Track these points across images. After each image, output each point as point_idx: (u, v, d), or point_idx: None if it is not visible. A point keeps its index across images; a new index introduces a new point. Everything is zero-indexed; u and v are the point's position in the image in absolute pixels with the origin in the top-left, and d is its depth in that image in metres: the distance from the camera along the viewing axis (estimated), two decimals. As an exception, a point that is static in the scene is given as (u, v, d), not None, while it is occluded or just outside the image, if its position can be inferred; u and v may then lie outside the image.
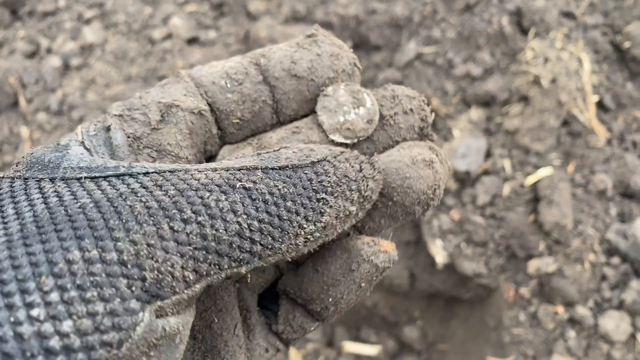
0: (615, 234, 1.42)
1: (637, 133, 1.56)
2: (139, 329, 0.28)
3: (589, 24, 1.63)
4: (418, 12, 1.66)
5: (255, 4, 1.83)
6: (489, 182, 1.48)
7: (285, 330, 0.43)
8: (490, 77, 1.57)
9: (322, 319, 0.43)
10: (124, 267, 0.29)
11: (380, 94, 0.43)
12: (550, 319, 1.38)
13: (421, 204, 0.41)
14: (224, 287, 0.40)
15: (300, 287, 0.42)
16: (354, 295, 0.42)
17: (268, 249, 0.33)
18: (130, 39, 1.72)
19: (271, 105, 0.42)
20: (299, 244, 0.34)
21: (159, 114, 0.39)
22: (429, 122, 0.43)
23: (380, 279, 0.42)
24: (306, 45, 0.43)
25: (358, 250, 0.41)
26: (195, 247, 0.31)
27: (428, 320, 1.79)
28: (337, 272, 0.41)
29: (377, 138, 0.43)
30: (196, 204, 0.32)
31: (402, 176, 0.40)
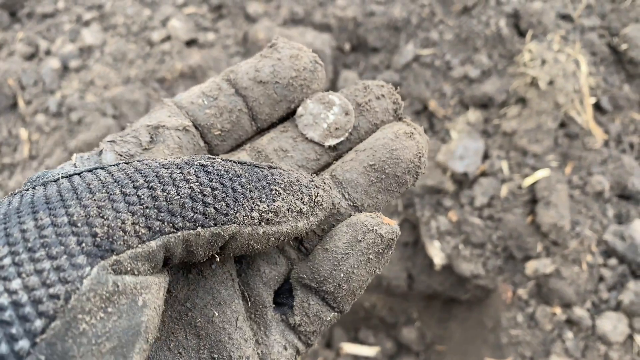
0: (612, 235, 1.42)
1: (634, 135, 1.57)
2: (86, 281, 0.29)
3: (586, 26, 1.63)
4: (416, 14, 1.67)
5: (253, 6, 1.83)
6: (487, 183, 1.49)
7: (303, 322, 0.44)
8: (488, 79, 1.58)
9: (337, 304, 0.45)
10: (74, 227, 0.31)
11: (352, 89, 0.48)
12: (548, 320, 1.39)
13: (411, 173, 0.46)
14: (220, 280, 0.42)
15: (313, 269, 0.44)
16: (364, 270, 0.44)
17: (223, 214, 0.35)
18: (129, 41, 1.72)
19: (247, 113, 0.46)
20: (254, 218, 0.37)
21: (148, 136, 0.43)
22: (400, 104, 0.48)
23: (388, 254, 0.45)
24: (268, 54, 0.47)
25: (362, 222, 0.44)
26: (147, 206, 0.33)
27: (426, 321, 1.79)
28: (345, 245, 0.44)
29: (358, 124, 0.47)
30: (149, 175, 0.34)
31: (390, 149, 0.45)
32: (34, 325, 0.28)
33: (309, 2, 1.81)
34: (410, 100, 1.63)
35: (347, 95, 0.48)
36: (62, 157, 1.53)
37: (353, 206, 0.46)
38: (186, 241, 0.34)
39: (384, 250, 0.44)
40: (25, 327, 0.28)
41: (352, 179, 0.46)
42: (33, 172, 1.56)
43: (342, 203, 0.46)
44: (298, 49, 0.47)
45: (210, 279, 0.42)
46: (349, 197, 0.46)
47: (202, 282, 0.42)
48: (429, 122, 1.63)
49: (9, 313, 0.28)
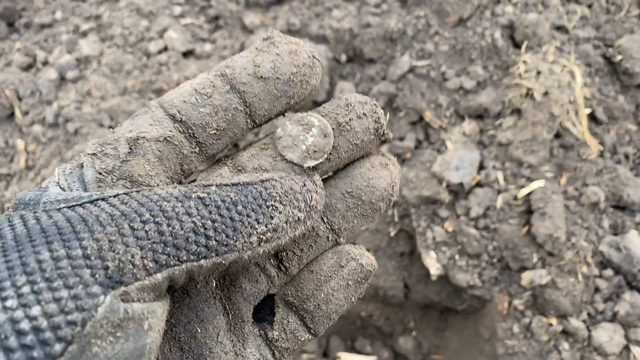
0: (608, 246, 1.42)
1: (629, 145, 1.57)
2: (101, 309, 0.32)
3: (581, 37, 1.64)
4: (412, 25, 1.68)
5: (250, 17, 1.84)
6: (483, 194, 1.49)
7: (280, 338, 0.48)
8: (483, 90, 1.59)
9: (313, 325, 0.48)
10: (88, 260, 0.33)
11: (335, 104, 0.49)
12: (544, 331, 1.39)
13: (384, 200, 0.49)
14: (204, 299, 0.44)
15: (297, 287, 0.48)
16: (342, 295, 0.48)
17: (223, 245, 0.37)
18: (126, 52, 1.72)
19: (243, 111, 0.46)
20: (252, 242, 0.39)
21: (127, 147, 0.43)
22: (382, 122, 0.49)
23: (364, 285, 0.49)
24: (265, 48, 0.46)
25: (346, 251, 0.49)
26: (154, 241, 0.35)
27: (422, 330, 1.79)
28: (329, 269, 0.48)
29: (338, 144, 0.48)
30: (154, 210, 0.37)
31: (366, 178, 0.49)
32: (53, 349, 0.30)
33: (306, 13, 1.82)
34: (406, 111, 1.63)
35: (329, 111, 0.48)
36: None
37: (331, 229, 0.49)
38: (189, 272, 0.37)
39: (362, 280, 0.49)
40: (45, 350, 0.30)
41: (330, 204, 0.49)
42: (29, 182, 1.56)
43: (320, 226, 0.49)
44: (296, 44, 0.47)
45: (194, 298, 0.44)
46: (327, 220, 0.49)
47: (186, 300, 0.44)
48: (424, 132, 1.63)
49: (30, 338, 0.30)
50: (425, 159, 1.57)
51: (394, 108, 1.66)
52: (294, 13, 1.83)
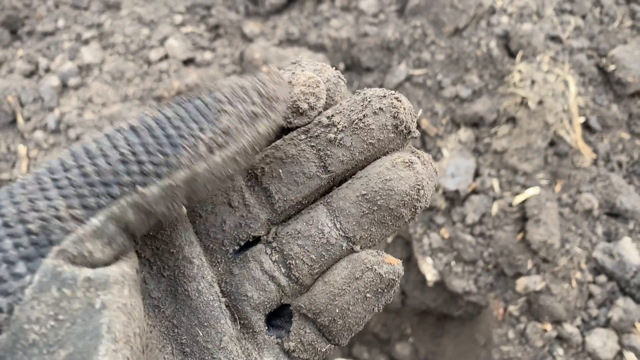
0: (601, 253, 1.44)
1: (622, 154, 1.59)
2: (28, 290, 0.29)
3: (575, 47, 1.67)
4: (408, 35, 1.70)
5: (250, 26, 1.87)
6: (478, 201, 1.51)
7: (297, 348, 0.44)
8: (479, 98, 1.61)
9: (332, 337, 0.44)
10: (8, 228, 0.30)
11: (352, 100, 0.44)
12: (539, 337, 1.40)
13: (407, 206, 0.42)
14: (206, 301, 0.42)
15: (311, 299, 0.44)
16: (360, 308, 0.43)
17: (164, 165, 0.33)
18: (127, 60, 1.75)
19: None
20: (201, 153, 0.34)
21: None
22: (401, 118, 0.43)
23: (388, 294, 0.43)
24: (292, 69, 0.45)
25: (362, 260, 0.42)
26: (78, 186, 0.32)
27: (419, 337, 1.80)
28: (343, 281, 0.43)
29: (351, 144, 0.43)
30: (79, 154, 0.33)
31: (383, 179, 0.42)
32: None
33: (304, 22, 1.85)
34: (403, 119, 1.65)
35: (344, 108, 0.44)
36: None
37: (344, 237, 0.43)
38: (135, 206, 0.32)
39: (384, 290, 0.43)
40: None
41: (344, 207, 0.43)
42: (31, 188, 1.58)
43: (332, 232, 0.43)
44: (322, 65, 0.45)
45: (196, 300, 0.42)
46: (340, 227, 0.43)
47: (188, 301, 0.42)
48: (421, 140, 1.65)
49: None
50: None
51: (391, 116, 1.68)
52: (293, 22, 1.86)
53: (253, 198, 0.44)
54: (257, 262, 0.44)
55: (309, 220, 0.44)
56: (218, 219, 0.44)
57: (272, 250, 0.45)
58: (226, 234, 0.44)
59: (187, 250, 0.41)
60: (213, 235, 0.44)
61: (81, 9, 1.96)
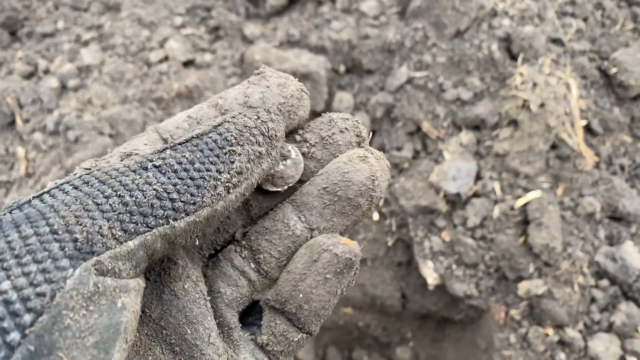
0: (603, 257, 1.43)
1: (624, 157, 1.59)
2: (69, 281, 0.33)
3: (577, 50, 1.66)
4: (410, 37, 1.70)
5: (250, 28, 1.86)
6: (479, 204, 1.50)
7: (270, 341, 0.47)
8: (480, 101, 1.60)
9: (302, 325, 0.47)
10: (56, 235, 0.34)
11: (319, 121, 0.50)
12: (541, 341, 1.39)
13: (364, 195, 0.47)
14: (193, 299, 0.44)
15: (277, 290, 0.47)
16: (323, 290, 0.46)
17: (191, 204, 0.39)
18: (127, 61, 1.74)
19: None
20: (221, 193, 0.40)
21: (119, 160, 0.44)
22: (363, 137, 0.49)
23: (348, 274, 0.46)
24: (256, 82, 0.48)
25: (317, 243, 0.46)
26: (119, 212, 0.37)
27: (420, 341, 1.79)
28: (303, 266, 0.46)
29: (321, 157, 0.49)
30: (115, 185, 0.38)
31: (341, 172, 0.47)
32: (23, 320, 0.31)
33: (305, 24, 1.84)
34: (404, 122, 1.65)
35: (312, 128, 0.50)
36: (58, 175, 1.54)
37: (309, 229, 0.48)
38: (164, 236, 0.38)
39: (343, 270, 0.46)
40: (15, 321, 0.31)
41: (307, 202, 0.48)
42: (29, 190, 1.57)
43: (297, 225, 0.48)
44: (285, 78, 0.49)
45: (182, 299, 0.44)
46: (305, 219, 0.48)
47: (175, 301, 0.44)
48: (422, 143, 1.64)
49: (0, 309, 0.31)
50: (422, 169, 1.58)
51: (391, 118, 1.68)
52: (294, 24, 1.85)
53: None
54: (228, 260, 0.48)
55: (275, 217, 0.48)
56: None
57: (242, 248, 0.48)
58: (205, 239, 0.48)
59: (170, 252, 0.43)
60: (192, 241, 0.46)
61: (81, 10, 1.95)
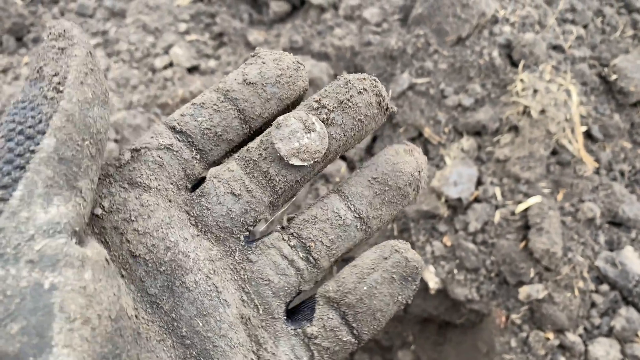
0: (604, 262, 1.44)
1: (624, 163, 1.60)
2: None
3: (577, 57, 1.68)
4: (411, 44, 1.71)
5: (254, 35, 1.88)
6: (480, 209, 1.51)
7: (319, 334, 0.46)
8: (481, 107, 1.62)
9: (356, 324, 0.47)
10: None
11: (335, 85, 0.49)
12: (541, 345, 1.40)
13: (412, 185, 0.49)
14: (204, 292, 0.44)
15: (338, 282, 0.47)
16: (386, 290, 0.46)
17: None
18: (132, 67, 1.76)
19: (237, 117, 0.48)
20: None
21: (129, 155, 0.47)
22: (383, 95, 0.49)
23: (411, 284, 0.47)
24: (252, 62, 0.49)
25: (390, 244, 0.48)
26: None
27: (421, 344, 1.80)
28: (372, 262, 0.47)
29: (342, 121, 0.48)
30: None
31: (392, 163, 0.49)
32: None
33: (308, 31, 1.86)
34: (406, 127, 1.66)
35: (329, 92, 0.49)
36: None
37: (358, 217, 0.49)
38: (47, 160, 0.35)
39: (408, 276, 0.47)
40: None
41: (357, 192, 0.49)
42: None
43: (347, 214, 0.48)
44: (280, 54, 0.49)
45: (194, 291, 0.44)
46: (354, 209, 0.49)
47: (186, 293, 0.43)
48: (424, 148, 1.66)
49: None
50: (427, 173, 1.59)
51: (393, 124, 1.69)
52: (297, 31, 1.87)
53: (254, 184, 0.48)
54: (276, 249, 0.48)
55: (324, 206, 0.49)
56: (224, 208, 0.47)
57: (290, 237, 0.48)
58: (234, 221, 0.47)
59: (182, 246, 0.44)
60: (222, 225, 0.47)
61: (86, 16, 1.97)
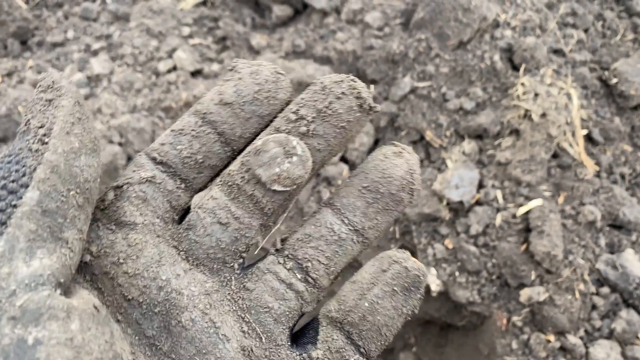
0: (604, 264, 1.45)
1: (625, 166, 1.61)
2: None
3: (578, 60, 1.69)
4: (413, 48, 1.73)
5: (257, 39, 1.89)
6: (482, 212, 1.52)
7: (325, 357, 0.45)
8: (483, 111, 1.63)
9: (362, 341, 0.45)
10: None
11: (311, 91, 0.46)
12: (542, 347, 1.41)
13: (405, 189, 0.46)
14: (201, 329, 0.43)
15: (339, 300, 0.45)
16: (389, 304, 0.44)
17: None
18: (136, 71, 1.78)
19: (218, 140, 0.46)
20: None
21: (112, 194, 0.45)
22: (364, 97, 0.46)
23: (415, 294, 0.45)
24: (229, 77, 0.47)
25: (388, 255, 0.46)
26: None
27: (423, 346, 1.81)
28: (371, 276, 0.45)
29: (323, 131, 0.45)
30: None
31: (381, 169, 0.46)
32: None
33: (311, 35, 1.88)
34: (408, 131, 1.67)
35: (307, 101, 0.46)
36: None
37: (354, 230, 0.46)
38: (29, 214, 0.34)
39: (410, 287, 0.45)
40: None
41: (348, 203, 0.46)
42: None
43: (342, 229, 0.46)
44: (257, 65, 0.46)
45: (191, 329, 0.42)
46: (348, 222, 0.46)
47: (183, 332, 0.42)
48: (425, 151, 1.67)
49: None
50: (426, 177, 1.60)
51: (395, 127, 1.71)
52: (299, 35, 1.88)
53: (240, 209, 0.45)
54: (273, 273, 0.46)
55: (317, 223, 0.46)
56: (213, 239, 0.45)
57: (285, 259, 0.46)
58: (225, 251, 0.45)
59: (174, 283, 0.42)
60: (213, 256, 0.45)
61: (90, 20, 1.99)
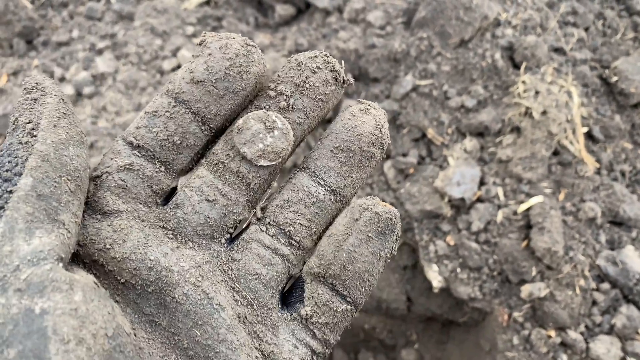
0: (605, 261, 1.46)
1: (625, 163, 1.62)
2: None
3: (578, 59, 1.70)
4: (415, 47, 1.74)
5: (260, 38, 1.91)
6: (483, 209, 1.53)
7: (314, 313, 0.46)
8: (484, 108, 1.64)
9: (346, 291, 0.46)
10: None
11: (287, 68, 0.47)
12: (543, 343, 1.42)
13: (375, 145, 0.48)
14: (195, 302, 0.43)
15: (318, 255, 0.46)
16: (366, 250, 0.45)
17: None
18: (140, 69, 1.79)
19: (194, 120, 0.45)
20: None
21: (92, 185, 0.45)
22: (338, 70, 0.48)
23: (390, 236, 0.46)
24: (199, 53, 0.46)
25: (358, 204, 0.46)
26: None
27: (425, 343, 1.82)
28: (344, 227, 0.46)
29: (302, 105, 0.47)
30: None
31: (349, 127, 0.47)
32: None
33: (313, 34, 1.89)
34: (410, 128, 1.68)
35: (284, 77, 0.47)
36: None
37: (331, 190, 0.47)
38: (25, 197, 0.37)
39: (384, 230, 0.46)
40: None
41: (322, 165, 0.47)
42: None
43: (319, 190, 0.47)
44: (227, 38, 0.45)
45: (185, 303, 0.43)
46: (324, 183, 0.47)
47: (179, 307, 0.43)
48: (427, 149, 1.68)
49: None
50: (427, 174, 1.61)
51: (397, 125, 1.72)
52: (302, 34, 1.90)
53: (227, 186, 0.46)
54: (257, 242, 0.46)
55: (294, 187, 0.47)
56: (202, 216, 0.45)
57: (267, 226, 0.47)
58: (214, 227, 0.46)
59: (163, 261, 0.43)
60: (202, 232, 0.45)
61: (95, 19, 2.00)
